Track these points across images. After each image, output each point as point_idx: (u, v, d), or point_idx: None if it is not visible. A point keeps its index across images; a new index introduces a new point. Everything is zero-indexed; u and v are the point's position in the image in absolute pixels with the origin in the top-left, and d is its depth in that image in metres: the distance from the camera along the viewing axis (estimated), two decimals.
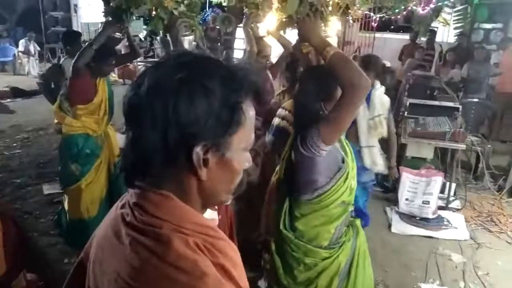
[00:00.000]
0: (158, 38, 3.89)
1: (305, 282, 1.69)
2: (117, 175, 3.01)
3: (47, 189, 4.13)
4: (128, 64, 8.16)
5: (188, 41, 5.91)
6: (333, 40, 4.33)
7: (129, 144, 0.68)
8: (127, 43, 3.48)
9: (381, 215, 3.88)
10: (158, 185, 0.67)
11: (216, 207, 2.01)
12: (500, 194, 4.26)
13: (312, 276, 1.68)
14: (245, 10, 2.76)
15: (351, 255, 1.73)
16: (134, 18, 2.70)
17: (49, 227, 3.40)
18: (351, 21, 9.51)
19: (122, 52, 5.50)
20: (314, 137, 1.50)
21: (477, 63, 5.96)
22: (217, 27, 7.13)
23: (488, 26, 8.11)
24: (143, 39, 9.82)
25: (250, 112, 0.69)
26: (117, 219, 0.71)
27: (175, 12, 2.45)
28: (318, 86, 1.63)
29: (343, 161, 1.62)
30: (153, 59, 9.87)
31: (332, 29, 4.35)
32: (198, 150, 0.64)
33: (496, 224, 3.76)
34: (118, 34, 3.22)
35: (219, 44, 6.45)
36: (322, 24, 1.69)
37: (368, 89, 1.49)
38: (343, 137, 1.72)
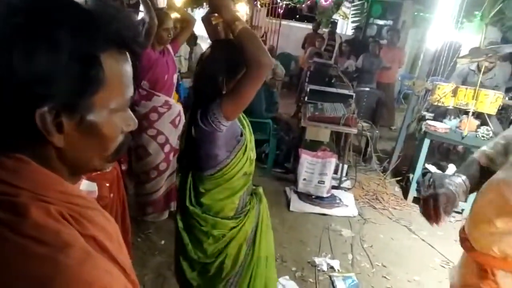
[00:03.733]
0: None
1: (215, 253, 1.75)
2: None
3: None
4: None
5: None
6: (243, 17, 4.33)
7: None
8: None
9: (281, 195, 4.05)
10: (11, 149, 0.57)
11: (107, 184, 1.91)
12: (384, 175, 4.72)
13: (221, 247, 1.74)
14: None
15: (255, 222, 1.82)
16: None
17: None
18: (259, 6, 9.69)
19: None
20: (216, 112, 1.51)
21: (371, 55, 6.49)
22: None
23: (381, 22, 8.86)
24: None
25: (115, 66, 0.60)
26: None
27: None
28: (229, 60, 1.61)
29: (241, 134, 1.68)
30: None
31: (240, 11, 4.37)
32: (44, 113, 0.54)
33: (380, 202, 4.16)
34: None
35: None
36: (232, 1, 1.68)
37: (271, 67, 1.55)
38: None
